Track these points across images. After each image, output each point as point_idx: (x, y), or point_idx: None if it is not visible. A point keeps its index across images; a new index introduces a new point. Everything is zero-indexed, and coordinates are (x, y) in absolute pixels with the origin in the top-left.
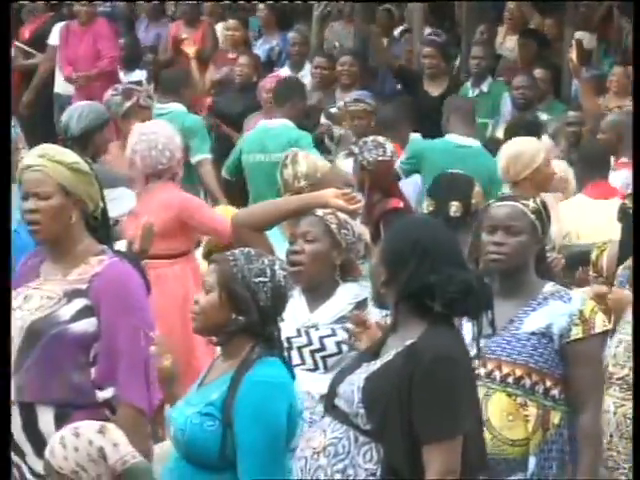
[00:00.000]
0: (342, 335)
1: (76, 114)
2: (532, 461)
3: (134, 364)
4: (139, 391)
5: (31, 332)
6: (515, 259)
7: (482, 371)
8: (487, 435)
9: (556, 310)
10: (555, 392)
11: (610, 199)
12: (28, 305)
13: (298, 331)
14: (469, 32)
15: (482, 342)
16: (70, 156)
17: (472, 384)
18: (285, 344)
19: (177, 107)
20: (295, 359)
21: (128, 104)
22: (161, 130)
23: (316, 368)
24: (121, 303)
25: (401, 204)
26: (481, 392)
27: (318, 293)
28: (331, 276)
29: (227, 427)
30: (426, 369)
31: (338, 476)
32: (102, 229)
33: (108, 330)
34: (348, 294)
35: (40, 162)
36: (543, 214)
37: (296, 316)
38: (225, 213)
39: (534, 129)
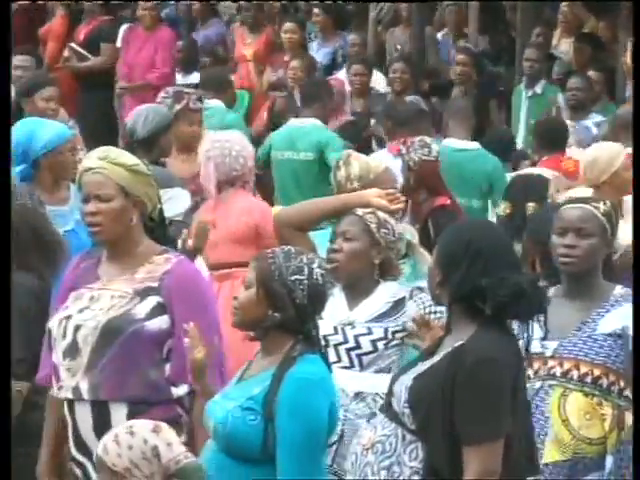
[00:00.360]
0: (378, 334)
1: (142, 118)
2: (609, 460)
3: (210, 360)
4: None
5: (107, 330)
6: (586, 262)
7: (558, 371)
8: (567, 434)
9: (631, 312)
10: (628, 392)
11: None
12: (98, 305)
13: (335, 329)
14: (523, 35)
15: (555, 343)
16: (130, 158)
17: (519, 386)
18: (322, 342)
19: (218, 104)
20: (331, 356)
21: (178, 107)
22: (234, 138)
23: (352, 366)
24: (194, 301)
25: (448, 202)
26: (557, 392)
27: (357, 291)
28: (370, 274)
29: (268, 422)
30: (468, 371)
31: (384, 473)
32: (159, 229)
33: (183, 327)
34: (386, 293)
35: (101, 164)
36: (613, 216)
37: (335, 314)
38: None
39: (560, 133)
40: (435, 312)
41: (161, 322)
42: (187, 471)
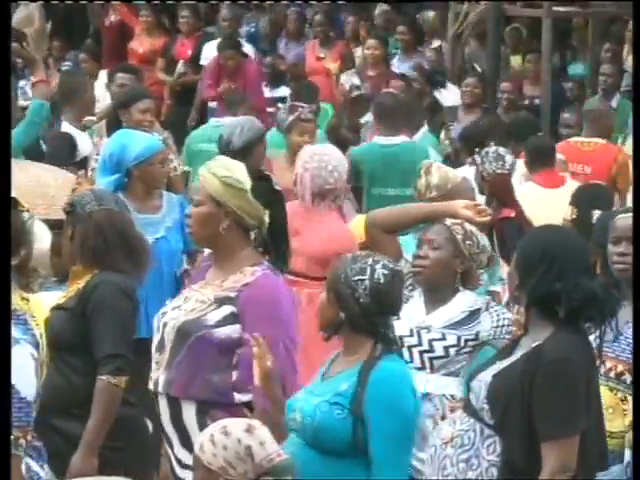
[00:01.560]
0: (451, 340)
1: (237, 129)
2: (627, 453)
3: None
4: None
5: (180, 332)
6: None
7: None
8: None
9: None
10: None
11: (559, 188)
12: (185, 306)
13: (411, 331)
14: (595, 50)
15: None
16: (225, 170)
17: (591, 385)
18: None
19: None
20: (404, 357)
21: (291, 118)
22: (332, 152)
23: (423, 367)
24: (264, 314)
25: (512, 214)
26: None
27: (437, 297)
28: (451, 283)
29: (356, 416)
30: (546, 370)
31: (462, 465)
32: (276, 244)
33: (249, 337)
34: (463, 302)
35: (203, 172)
36: None
37: (412, 316)
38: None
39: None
40: (508, 325)
41: (231, 331)
42: (279, 469)
